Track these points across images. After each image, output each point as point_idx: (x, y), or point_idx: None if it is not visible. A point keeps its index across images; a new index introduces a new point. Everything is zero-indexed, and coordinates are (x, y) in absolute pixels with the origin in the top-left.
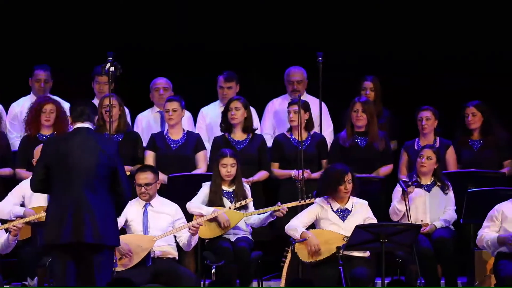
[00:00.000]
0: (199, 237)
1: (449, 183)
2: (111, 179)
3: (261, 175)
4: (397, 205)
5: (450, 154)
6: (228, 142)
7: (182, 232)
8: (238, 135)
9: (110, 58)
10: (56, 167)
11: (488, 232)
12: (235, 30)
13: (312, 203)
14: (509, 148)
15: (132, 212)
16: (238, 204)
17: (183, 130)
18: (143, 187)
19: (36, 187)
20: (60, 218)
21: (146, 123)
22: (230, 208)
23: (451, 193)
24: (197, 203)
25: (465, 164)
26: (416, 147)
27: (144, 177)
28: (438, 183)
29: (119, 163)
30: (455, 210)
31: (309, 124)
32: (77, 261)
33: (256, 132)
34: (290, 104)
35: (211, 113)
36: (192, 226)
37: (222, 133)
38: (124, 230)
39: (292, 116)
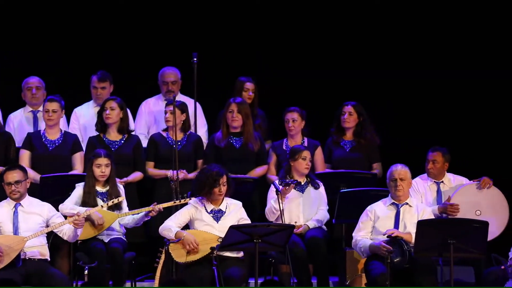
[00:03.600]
0: None
1: (320, 182)
2: None
3: (136, 175)
4: (274, 204)
5: (318, 155)
6: (103, 142)
7: (63, 226)
8: (113, 136)
9: None
10: None
11: (362, 238)
12: (109, 30)
13: (186, 204)
14: (378, 151)
15: (2, 213)
16: (110, 203)
17: (61, 130)
18: (13, 185)
19: None
20: None
21: (18, 122)
22: (102, 207)
23: (323, 193)
24: (70, 204)
25: (336, 164)
26: (284, 147)
27: (13, 176)
28: (311, 184)
29: None
30: (327, 210)
31: (185, 125)
32: None
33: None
34: (167, 105)
35: (85, 113)
36: (74, 221)
37: (97, 133)
38: None
39: (168, 116)
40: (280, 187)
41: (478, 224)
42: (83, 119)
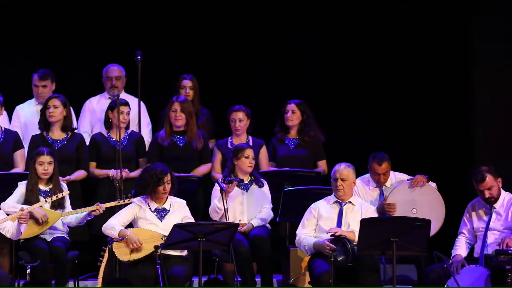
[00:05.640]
0: None
1: (264, 181)
2: None
3: (79, 174)
4: (217, 203)
5: (263, 154)
6: (46, 141)
7: (6, 223)
8: (57, 134)
9: None
10: None
11: (306, 236)
12: (52, 27)
13: (130, 203)
14: (323, 149)
15: None
16: (54, 197)
17: (1, 128)
18: None
19: None
20: None
21: None
22: (46, 201)
23: (267, 191)
24: (12, 203)
25: (280, 162)
26: (229, 146)
27: None
28: (255, 182)
29: None
30: (271, 208)
31: (128, 123)
32: None
33: (75, 131)
34: (113, 108)
35: (26, 111)
36: (19, 217)
37: (40, 132)
38: None
39: (127, 118)
40: (224, 185)
41: (421, 222)
42: (24, 117)
